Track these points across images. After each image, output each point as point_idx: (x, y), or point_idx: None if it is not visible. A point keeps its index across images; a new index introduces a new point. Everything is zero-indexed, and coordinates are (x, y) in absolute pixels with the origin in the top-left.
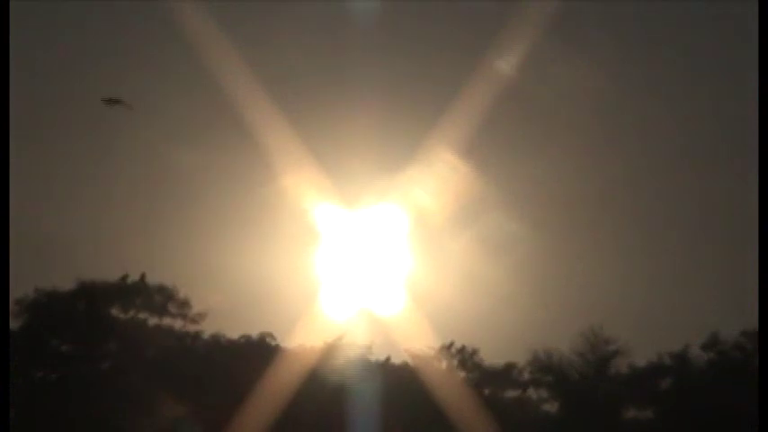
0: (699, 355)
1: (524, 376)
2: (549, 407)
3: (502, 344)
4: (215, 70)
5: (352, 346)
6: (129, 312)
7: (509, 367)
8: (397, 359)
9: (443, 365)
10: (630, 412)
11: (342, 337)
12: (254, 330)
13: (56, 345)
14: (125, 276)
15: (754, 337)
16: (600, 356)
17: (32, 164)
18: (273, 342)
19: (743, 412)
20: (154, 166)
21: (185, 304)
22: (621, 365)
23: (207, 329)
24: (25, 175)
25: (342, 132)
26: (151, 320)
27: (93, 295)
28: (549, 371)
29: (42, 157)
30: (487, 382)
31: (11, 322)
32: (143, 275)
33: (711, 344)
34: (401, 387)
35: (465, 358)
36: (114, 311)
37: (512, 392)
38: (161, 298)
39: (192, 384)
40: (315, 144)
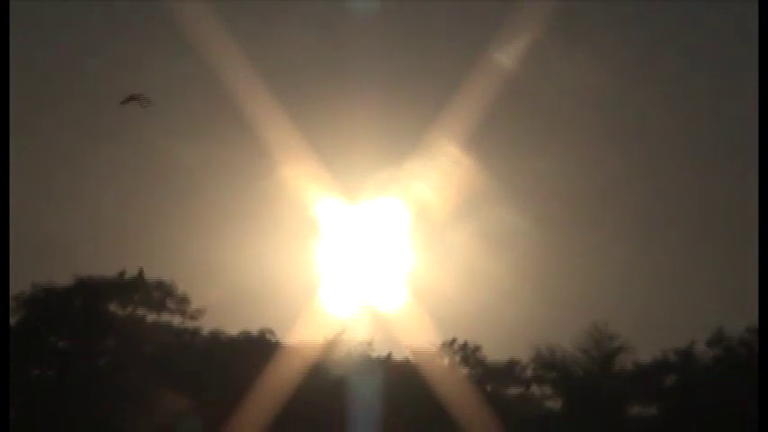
0: (704, 351)
1: (527, 373)
2: (553, 404)
3: (505, 340)
4: (214, 64)
5: (353, 342)
6: (127, 308)
7: (512, 364)
8: (398, 355)
9: (445, 362)
10: (635, 409)
11: (342, 334)
12: (254, 326)
13: (53, 341)
14: (123, 272)
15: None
16: (604, 353)
17: (30, 159)
18: (273, 338)
19: (749, 409)
20: (152, 160)
21: (184, 300)
22: (626, 362)
23: (206, 326)
24: (22, 171)
25: (342, 126)
26: (149, 317)
27: (91, 291)
28: (552, 367)
29: (39, 152)
30: (490, 378)
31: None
32: (141, 271)
33: (717, 340)
34: (402, 384)
35: (467, 355)
36: (112, 307)
37: (514, 389)
38: (159, 294)
39: (191, 381)
40: (315, 138)
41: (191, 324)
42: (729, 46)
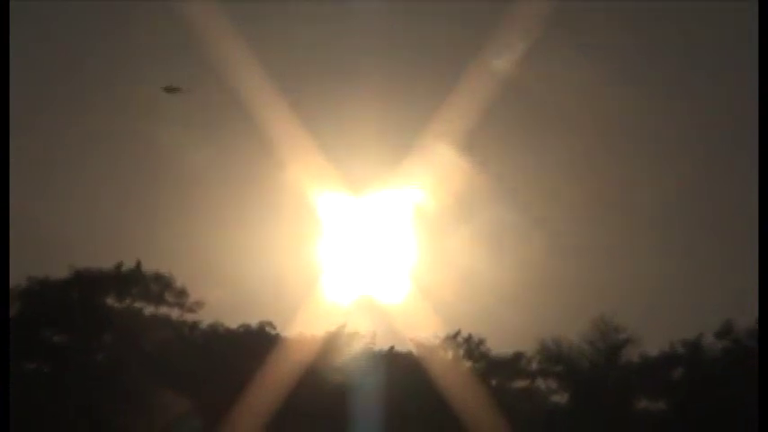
0: (712, 343)
1: (533, 366)
2: (559, 397)
3: (509, 333)
4: (214, 56)
5: (355, 335)
6: (125, 302)
7: (517, 357)
8: (401, 348)
9: (449, 355)
10: (642, 403)
11: (344, 326)
12: (254, 319)
13: (49, 335)
14: (120, 264)
15: None
16: (610, 345)
17: (28, 155)
18: (273, 331)
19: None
20: (152, 153)
21: (182, 293)
22: (632, 354)
23: (205, 319)
24: (21, 166)
25: (345, 119)
26: (147, 310)
27: (88, 284)
28: (558, 360)
29: (36, 145)
30: (495, 372)
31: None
32: (139, 263)
33: (725, 332)
34: (405, 377)
35: (471, 348)
36: (109, 301)
37: (520, 383)
38: (157, 287)
39: (190, 376)
40: (317, 131)
41: (189, 317)
42: (729, 46)
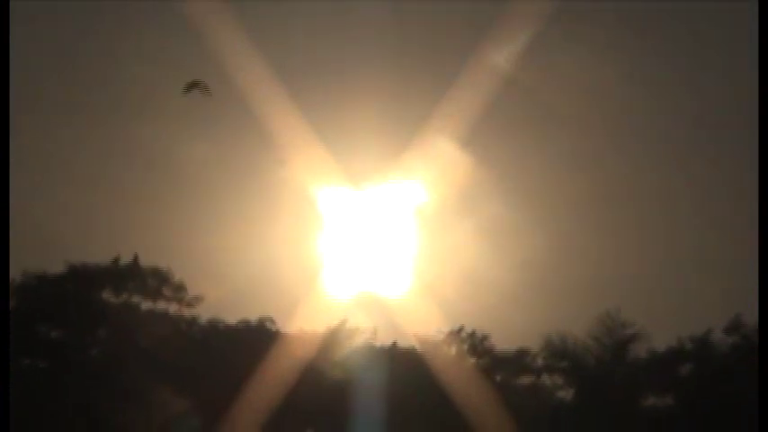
0: (721, 338)
1: (538, 362)
2: (564, 394)
3: (514, 328)
4: (214, 50)
5: (356, 330)
6: (122, 297)
7: (521, 353)
8: (403, 344)
9: (452, 351)
10: (649, 400)
11: (345, 322)
12: (253, 315)
13: (44, 331)
14: (117, 259)
15: None
16: (617, 341)
17: (24, 148)
18: (273, 327)
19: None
20: (149, 147)
21: (180, 288)
22: (640, 350)
23: (203, 314)
24: (15, 160)
25: (346, 114)
26: (144, 305)
27: (84, 279)
28: (563, 356)
29: (33, 139)
30: (499, 368)
31: None
32: (136, 258)
33: (734, 327)
34: (408, 373)
35: (475, 343)
36: (105, 296)
37: (524, 379)
38: (155, 281)
39: (188, 372)
40: (316, 124)
41: (187, 313)
42: (729, 46)
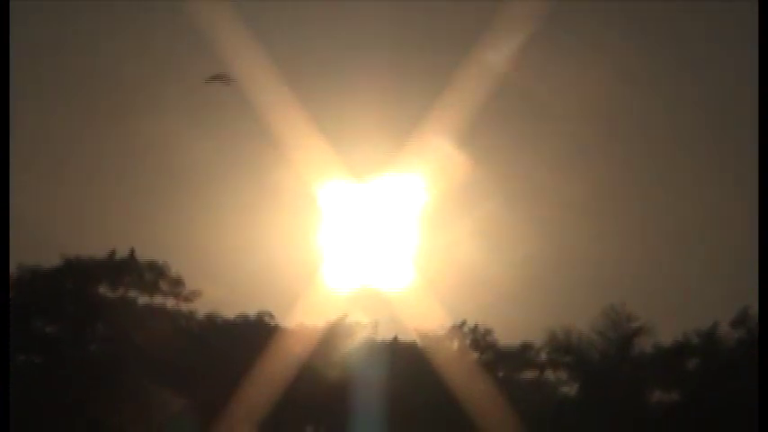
0: (728, 332)
1: (541, 357)
2: (568, 389)
3: (517, 322)
4: (212, 44)
5: (357, 325)
6: (118, 291)
7: (525, 347)
8: (404, 339)
9: (455, 346)
10: (655, 395)
11: (345, 316)
12: (252, 310)
13: (39, 326)
14: (113, 252)
15: None
16: (622, 335)
17: (17, 139)
18: (272, 322)
19: None
20: (147, 141)
21: (178, 282)
22: (645, 344)
23: (201, 309)
24: (18, 156)
25: (346, 108)
26: (141, 300)
27: (80, 272)
28: (567, 351)
29: (26, 132)
30: (502, 363)
31: None
32: (132, 251)
33: (741, 320)
34: (409, 369)
35: (478, 338)
36: (102, 290)
37: (528, 374)
38: (152, 275)
39: (186, 367)
40: (316, 118)
41: (185, 307)
42: (727, 45)
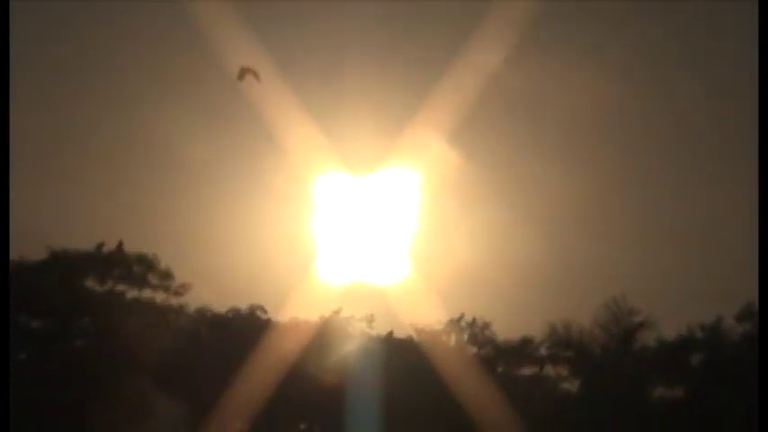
0: (732, 326)
1: (541, 352)
2: (569, 385)
3: (517, 316)
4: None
5: (351, 319)
6: (106, 284)
7: (525, 342)
8: (400, 334)
9: (452, 340)
10: (658, 391)
11: (339, 310)
12: (244, 303)
13: (24, 321)
14: (101, 245)
15: None
16: (624, 329)
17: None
18: (265, 316)
19: None
20: (134, 130)
21: (167, 275)
22: (648, 339)
23: (191, 303)
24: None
25: (342, 103)
26: (130, 293)
27: (66, 266)
28: (568, 346)
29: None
30: (501, 358)
31: None
32: (120, 244)
33: (746, 314)
34: (405, 364)
35: (476, 332)
36: (89, 284)
37: (527, 369)
38: (140, 269)
39: (175, 364)
40: (311, 111)
41: (175, 301)
42: (729, 46)
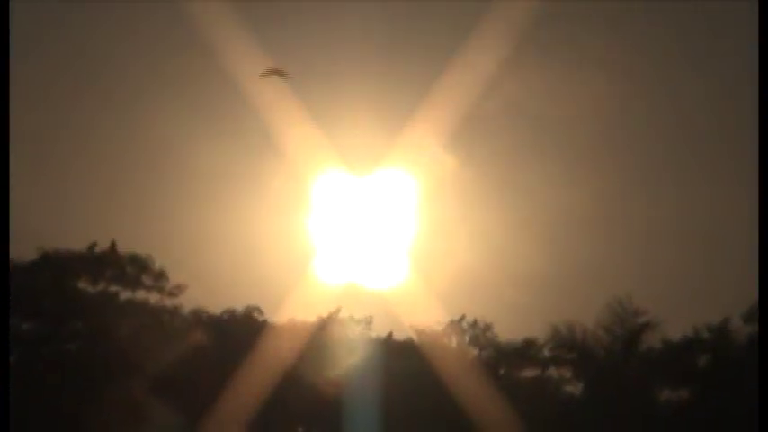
0: (740, 327)
1: (544, 354)
2: (572, 387)
3: (519, 318)
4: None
5: (350, 320)
6: (98, 286)
7: (527, 344)
8: (399, 335)
9: (453, 342)
10: (664, 393)
11: (337, 311)
12: (240, 304)
13: (15, 323)
14: (93, 245)
15: None
16: (628, 330)
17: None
18: (261, 317)
19: None
20: (127, 129)
21: (161, 276)
22: (653, 340)
23: (186, 304)
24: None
25: (341, 102)
26: (123, 295)
27: (58, 266)
28: (571, 347)
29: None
30: (503, 360)
31: None
32: (113, 244)
33: (753, 315)
34: (405, 367)
35: (477, 334)
36: (81, 285)
37: (530, 372)
38: (134, 269)
39: (170, 367)
40: (309, 109)
41: (169, 302)
42: (729, 46)
